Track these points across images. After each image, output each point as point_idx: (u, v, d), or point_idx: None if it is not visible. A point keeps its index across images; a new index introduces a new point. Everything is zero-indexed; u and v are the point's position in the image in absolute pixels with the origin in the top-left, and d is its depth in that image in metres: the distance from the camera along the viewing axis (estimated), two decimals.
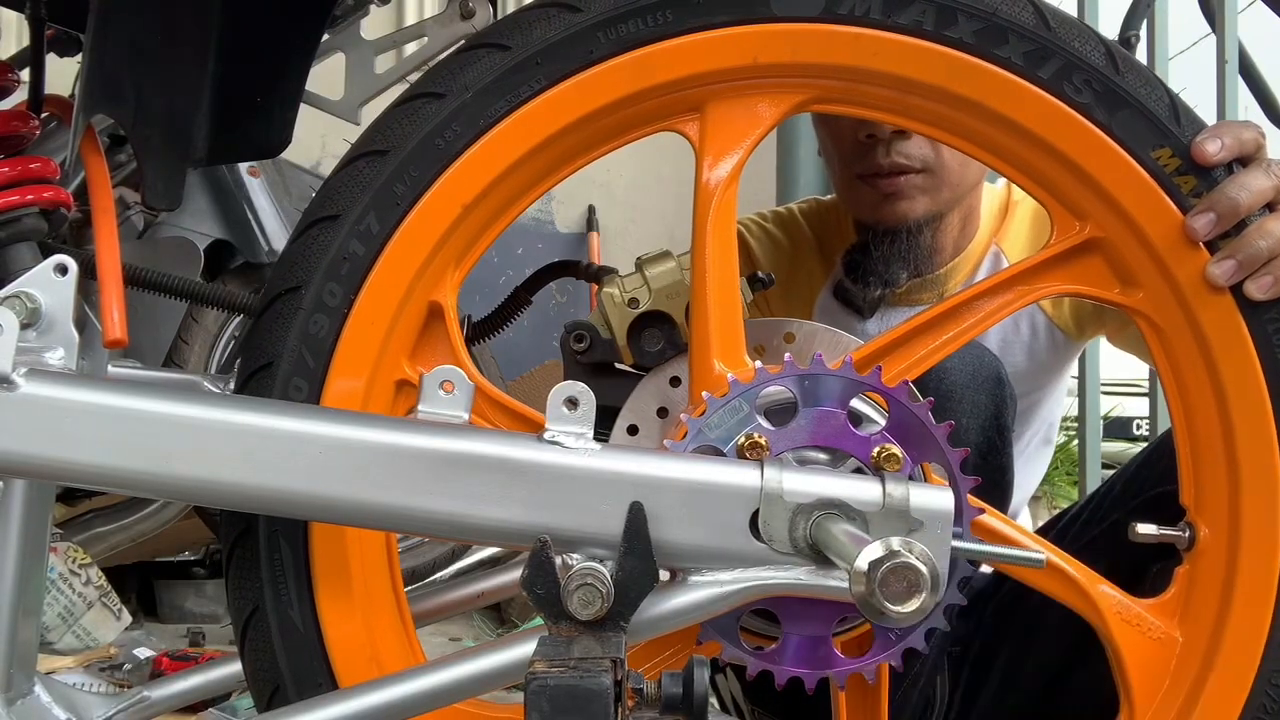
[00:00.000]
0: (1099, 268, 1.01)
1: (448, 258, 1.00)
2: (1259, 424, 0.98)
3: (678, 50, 0.97)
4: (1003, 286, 1.01)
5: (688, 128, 1.01)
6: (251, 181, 2.91)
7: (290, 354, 0.97)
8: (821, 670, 0.97)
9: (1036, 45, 0.96)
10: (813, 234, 1.72)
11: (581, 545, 0.88)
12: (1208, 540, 1.01)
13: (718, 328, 0.99)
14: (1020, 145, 0.99)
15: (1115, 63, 0.97)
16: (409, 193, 0.98)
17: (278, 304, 0.98)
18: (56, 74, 1.31)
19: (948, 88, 0.97)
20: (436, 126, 0.98)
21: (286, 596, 0.98)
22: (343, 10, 1.32)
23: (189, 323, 2.84)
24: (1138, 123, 0.97)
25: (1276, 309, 0.97)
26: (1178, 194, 0.97)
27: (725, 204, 0.99)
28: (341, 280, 0.98)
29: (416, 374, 0.99)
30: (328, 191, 0.99)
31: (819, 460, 0.95)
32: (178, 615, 3.42)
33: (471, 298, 2.15)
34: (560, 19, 0.97)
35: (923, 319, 1.01)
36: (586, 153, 1.02)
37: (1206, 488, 1.01)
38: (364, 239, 0.98)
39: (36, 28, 1.19)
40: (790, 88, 1.00)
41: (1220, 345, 0.98)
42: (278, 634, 0.98)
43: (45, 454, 0.87)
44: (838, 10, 0.97)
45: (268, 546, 0.98)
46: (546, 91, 0.98)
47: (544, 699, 0.76)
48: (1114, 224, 0.99)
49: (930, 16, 0.96)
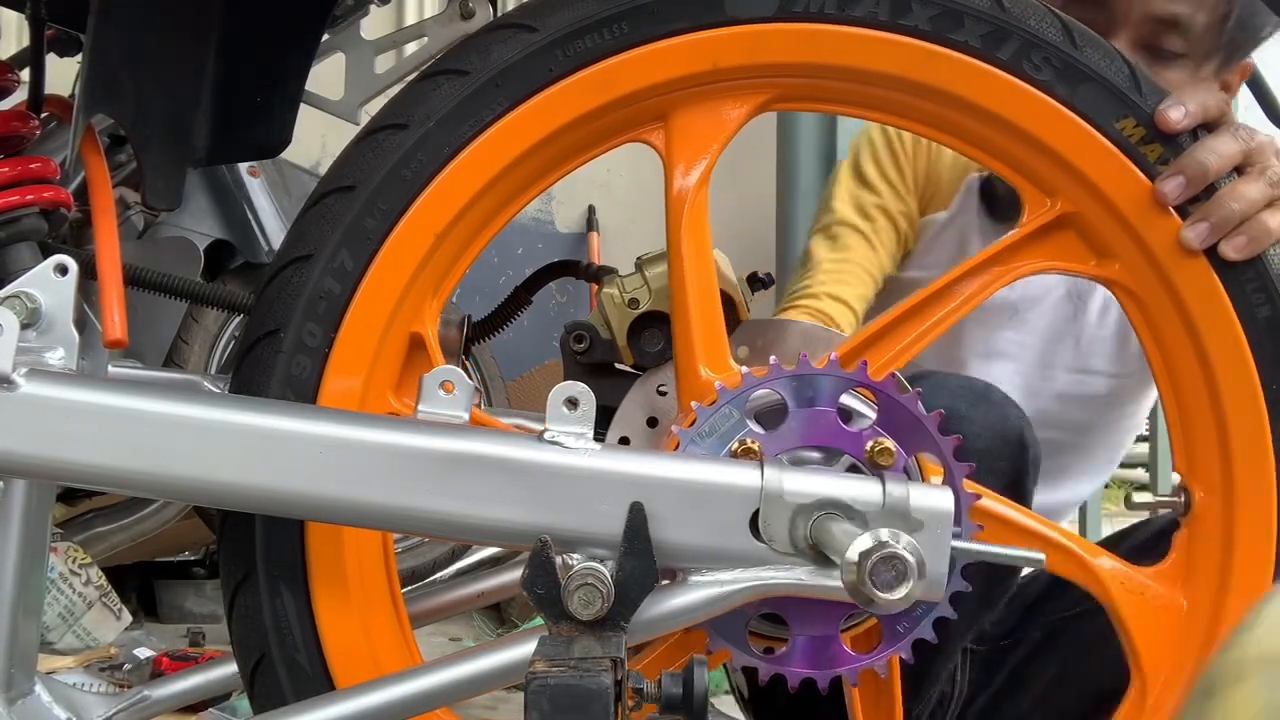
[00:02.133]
0: (1073, 242, 1.02)
1: (425, 288, 1.00)
2: (1244, 383, 0.99)
3: (637, 61, 0.97)
4: (979, 269, 1.02)
5: (654, 137, 1.01)
6: (251, 181, 2.91)
7: (275, 397, 0.97)
8: (832, 669, 0.97)
9: (993, 27, 0.96)
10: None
11: (582, 545, 0.88)
12: (1203, 504, 1.01)
13: (701, 334, 0.99)
14: (985, 127, 0.99)
15: (1073, 38, 0.97)
16: (380, 226, 0.97)
17: (258, 347, 0.98)
18: (56, 74, 1.31)
19: (908, 76, 0.98)
20: (402, 158, 0.97)
21: (292, 642, 0.98)
22: (343, 10, 1.32)
23: (189, 323, 2.84)
24: (1099, 95, 0.97)
25: (1253, 269, 0.98)
26: (1145, 163, 0.98)
27: (697, 209, 0.99)
28: (320, 320, 0.97)
29: (403, 407, 0.99)
30: (299, 231, 0.99)
31: (813, 460, 0.95)
32: (178, 615, 3.42)
33: (471, 298, 2.15)
34: (517, 39, 0.97)
35: (903, 308, 1.01)
36: (554, 170, 1.02)
37: (1198, 452, 1.01)
38: (339, 276, 0.97)
39: (36, 28, 1.19)
40: (753, 89, 1.00)
41: (1199, 309, 0.98)
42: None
43: (45, 454, 0.87)
44: (793, 8, 0.97)
45: (270, 598, 0.98)
46: (510, 113, 0.97)
47: (544, 698, 0.76)
48: (1084, 198, 0.99)
49: (885, 7, 0.97)
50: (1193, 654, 1.01)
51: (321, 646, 0.98)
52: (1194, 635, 1.01)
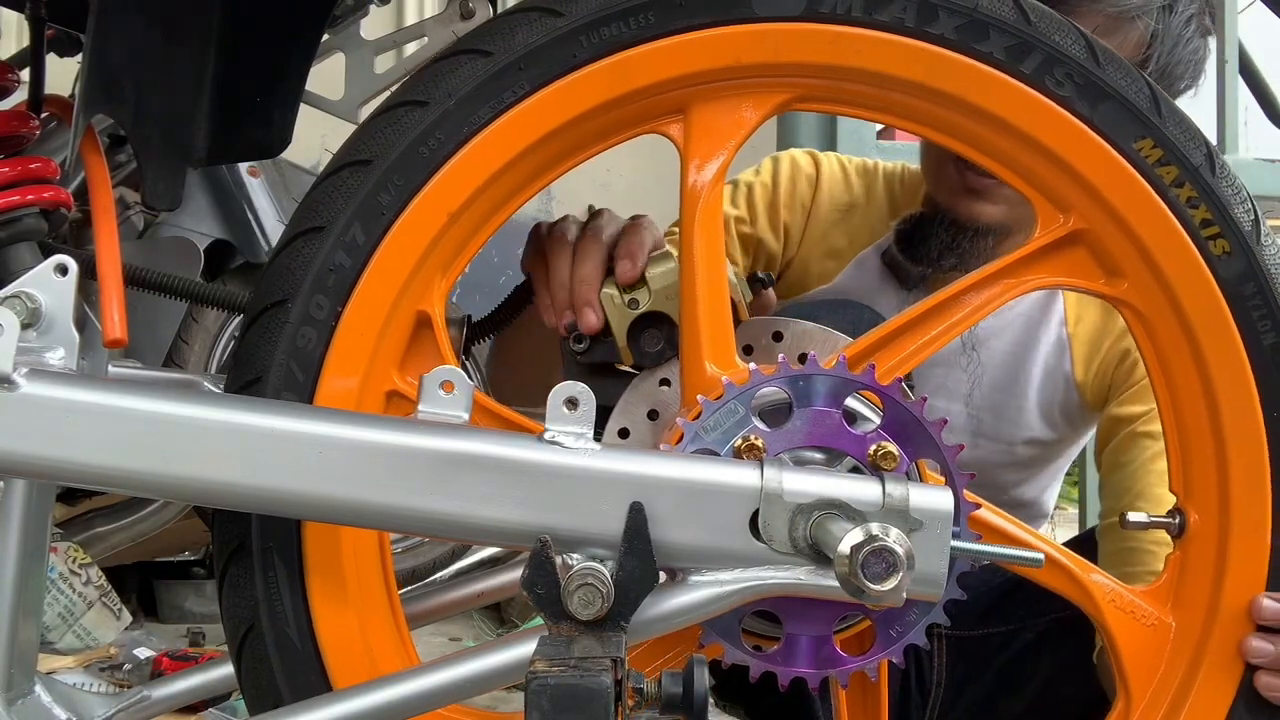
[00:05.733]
0: (1084, 260, 1.02)
1: (434, 267, 1.00)
2: (1245, 409, 0.99)
3: (660, 53, 0.97)
4: (989, 280, 1.02)
5: (672, 129, 1.01)
6: (251, 181, 2.91)
7: (279, 368, 0.97)
8: (825, 669, 0.97)
9: (1018, 40, 0.96)
10: (886, 194, 1.70)
11: (582, 545, 0.88)
12: (1198, 526, 1.01)
13: (709, 329, 0.99)
14: (1003, 139, 0.99)
15: (1096, 55, 0.97)
16: (394, 202, 0.97)
17: (264, 318, 0.98)
18: (56, 74, 1.31)
19: (930, 84, 0.98)
20: (420, 135, 0.97)
21: (279, 597, 0.97)
22: (343, 10, 1.31)
23: (189, 323, 2.85)
24: (1119, 115, 0.97)
25: (1260, 297, 0.98)
26: (1160, 184, 0.98)
27: (711, 204, 1.00)
28: (328, 292, 0.97)
29: (407, 385, 0.99)
30: (312, 203, 0.99)
31: (815, 460, 0.95)
32: (178, 615, 3.42)
33: (471, 298, 2.15)
34: (542, 23, 0.97)
35: (912, 314, 1.01)
36: (570, 157, 1.01)
37: (1195, 474, 1.02)
38: (350, 250, 0.97)
39: (36, 28, 1.19)
40: (773, 88, 1.00)
41: (1205, 333, 0.98)
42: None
43: (45, 454, 0.87)
44: (819, 9, 0.97)
45: (262, 564, 0.97)
46: (530, 97, 0.97)
47: (544, 698, 0.76)
48: (1098, 216, 0.99)
49: (911, 13, 0.96)
50: (1178, 674, 1.01)
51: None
52: (1182, 656, 1.02)
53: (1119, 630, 1.02)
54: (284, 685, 0.98)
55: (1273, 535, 0.99)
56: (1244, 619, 1.00)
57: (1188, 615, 1.02)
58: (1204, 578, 1.01)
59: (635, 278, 1.06)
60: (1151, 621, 1.02)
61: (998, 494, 1.59)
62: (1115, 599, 1.02)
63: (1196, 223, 0.98)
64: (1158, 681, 1.02)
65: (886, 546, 0.82)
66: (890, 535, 0.82)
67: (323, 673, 0.98)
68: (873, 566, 0.81)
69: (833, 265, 1.65)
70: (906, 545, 0.82)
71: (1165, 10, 1.40)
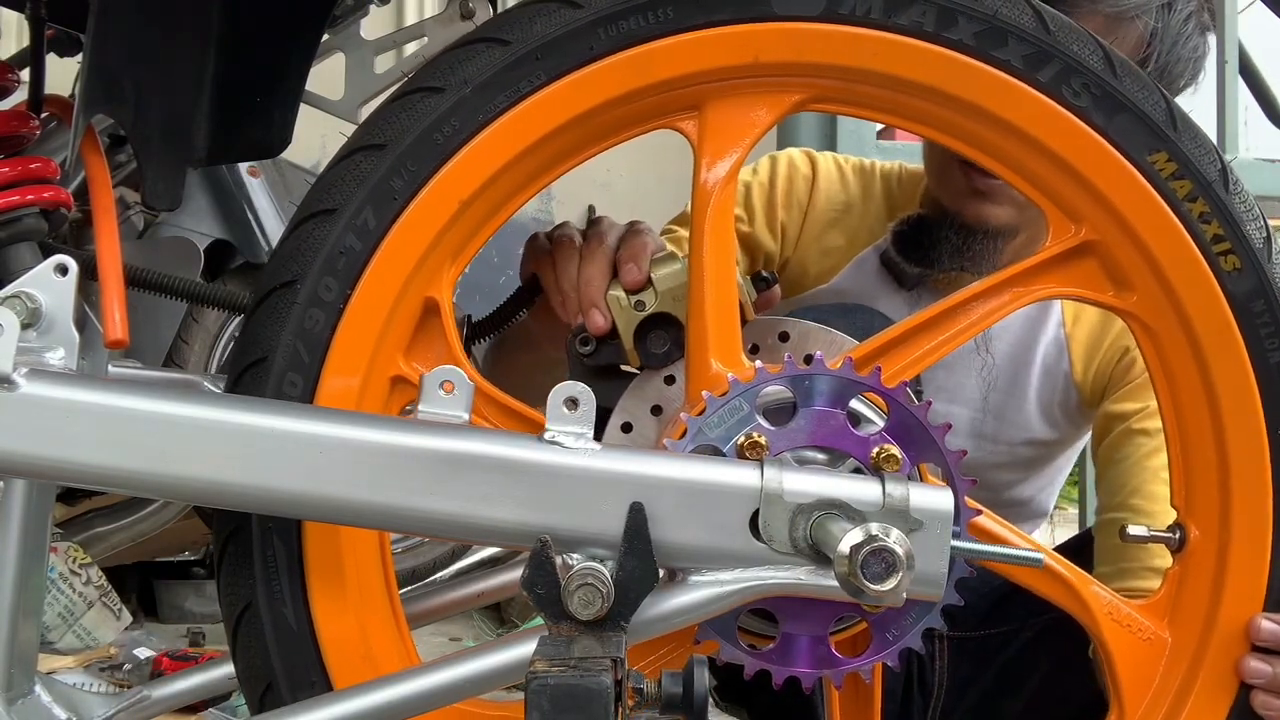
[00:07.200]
0: (1094, 271, 1.01)
1: (444, 254, 1.00)
2: (1249, 426, 0.98)
3: (678, 48, 0.97)
4: (998, 288, 1.02)
5: (686, 126, 1.00)
6: (251, 181, 2.91)
7: (285, 349, 0.97)
8: (820, 670, 0.97)
9: (1036, 48, 0.96)
10: (883, 193, 1.69)
11: (582, 545, 0.88)
12: (1198, 541, 1.01)
13: (715, 327, 0.99)
14: (1017, 147, 0.99)
15: (1113, 67, 0.97)
16: (406, 188, 0.97)
17: (273, 298, 0.98)
18: (56, 74, 1.31)
19: (946, 89, 0.97)
20: (435, 121, 0.97)
21: (280, 594, 0.97)
22: (343, 10, 1.31)
23: (189, 323, 2.85)
24: (1135, 127, 0.97)
25: (1269, 314, 0.98)
26: (1174, 198, 0.97)
27: (723, 202, 0.99)
28: (338, 275, 0.97)
29: (412, 370, 0.99)
30: (324, 185, 0.99)
31: (818, 461, 0.95)
32: (178, 615, 3.42)
33: (471, 297, 2.15)
34: (560, 15, 0.97)
35: (920, 319, 1.01)
36: (584, 149, 1.01)
37: (1197, 489, 1.01)
38: (360, 234, 0.97)
39: (36, 28, 1.19)
40: (789, 87, 1.00)
41: (1212, 349, 0.98)
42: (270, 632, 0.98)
43: (45, 454, 0.87)
44: (839, 10, 0.97)
45: (261, 543, 0.97)
46: (546, 87, 0.97)
47: (544, 698, 0.76)
48: (1109, 227, 0.99)
49: (931, 18, 0.96)
50: (1172, 689, 1.01)
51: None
52: (1176, 671, 1.01)
53: (1115, 643, 1.01)
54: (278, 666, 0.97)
55: (1272, 554, 0.99)
56: (1241, 638, 0.99)
57: (1184, 631, 1.02)
58: (1202, 594, 1.01)
59: (641, 281, 1.06)
60: (1148, 636, 1.02)
61: (993, 493, 1.60)
62: (1112, 612, 1.02)
63: (1208, 238, 0.97)
64: (1151, 696, 1.01)
65: (886, 547, 0.82)
66: (890, 535, 0.83)
67: (321, 666, 0.98)
68: (873, 566, 0.82)
69: (830, 265, 1.64)
70: (906, 545, 0.83)
71: (1164, 9, 1.40)
